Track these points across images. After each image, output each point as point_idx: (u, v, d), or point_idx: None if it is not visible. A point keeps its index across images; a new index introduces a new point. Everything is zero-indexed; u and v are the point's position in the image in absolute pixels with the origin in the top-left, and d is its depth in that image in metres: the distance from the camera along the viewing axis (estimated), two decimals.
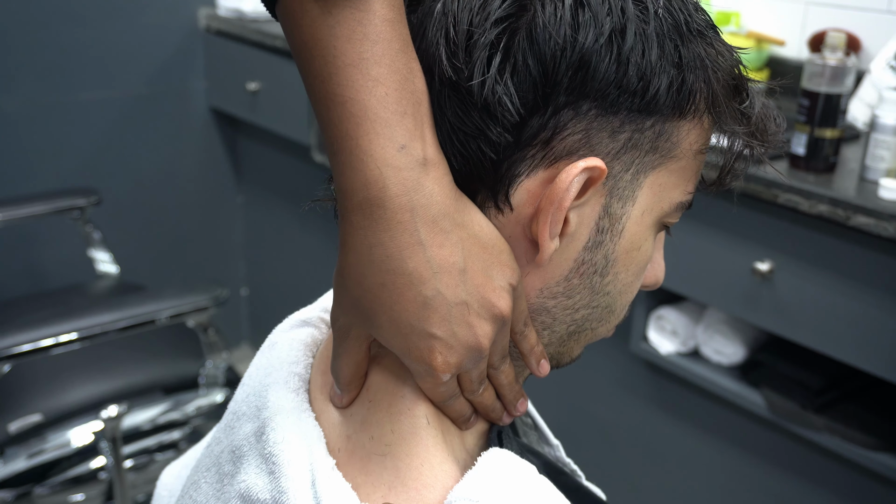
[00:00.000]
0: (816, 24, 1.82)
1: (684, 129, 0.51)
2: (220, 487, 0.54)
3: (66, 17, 2.23)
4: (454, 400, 0.52)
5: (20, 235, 2.27)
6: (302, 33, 0.46)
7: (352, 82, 0.45)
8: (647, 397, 1.75)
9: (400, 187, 0.46)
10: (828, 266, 1.35)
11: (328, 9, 0.45)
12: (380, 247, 0.46)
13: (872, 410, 1.45)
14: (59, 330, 1.40)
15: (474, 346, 0.49)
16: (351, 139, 0.46)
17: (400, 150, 0.46)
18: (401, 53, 0.46)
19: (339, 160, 0.47)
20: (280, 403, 0.54)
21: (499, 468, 0.50)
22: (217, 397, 1.63)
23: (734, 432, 1.61)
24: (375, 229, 0.46)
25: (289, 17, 0.47)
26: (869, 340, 1.32)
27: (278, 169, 2.53)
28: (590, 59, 0.47)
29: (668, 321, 1.66)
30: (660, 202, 0.52)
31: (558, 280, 0.52)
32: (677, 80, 0.49)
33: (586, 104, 0.48)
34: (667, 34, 0.49)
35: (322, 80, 0.46)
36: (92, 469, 1.53)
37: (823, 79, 1.38)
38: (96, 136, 2.36)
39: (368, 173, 0.46)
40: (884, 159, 1.35)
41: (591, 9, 0.47)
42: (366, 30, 0.45)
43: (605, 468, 1.84)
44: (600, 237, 0.51)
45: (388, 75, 0.46)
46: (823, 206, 1.32)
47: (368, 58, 0.45)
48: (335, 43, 0.45)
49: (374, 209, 0.46)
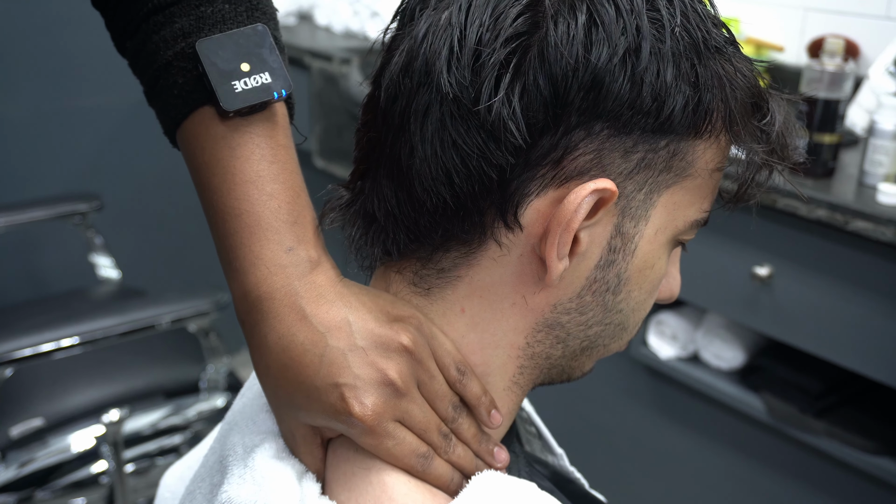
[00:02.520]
0: (815, 30, 1.82)
1: (700, 148, 0.50)
2: (211, 499, 0.54)
3: (69, 23, 2.23)
4: (429, 463, 0.50)
5: (22, 240, 2.27)
6: (204, 153, 0.51)
7: (248, 196, 0.50)
8: (647, 402, 1.76)
9: (286, 280, 0.49)
10: (827, 270, 1.36)
11: (231, 132, 0.50)
12: (272, 333, 0.49)
13: (871, 414, 1.45)
14: (61, 334, 1.40)
15: (382, 380, 0.48)
16: (244, 247, 0.50)
17: (288, 251, 0.50)
18: (294, 174, 0.52)
19: (234, 267, 0.51)
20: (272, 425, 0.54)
21: (490, 492, 0.49)
22: (218, 402, 1.63)
23: (734, 436, 1.61)
24: (267, 320, 0.49)
25: (192, 140, 0.52)
26: (868, 344, 1.33)
27: None
28: (602, 79, 0.46)
29: (668, 326, 1.67)
30: (674, 220, 0.51)
31: (570, 297, 0.51)
32: (693, 99, 0.48)
33: (598, 125, 0.47)
34: (683, 53, 0.47)
35: (220, 196, 0.51)
36: (93, 473, 1.53)
37: (822, 84, 1.38)
38: (98, 142, 2.37)
39: (259, 274, 0.50)
40: (882, 164, 1.36)
41: (604, 28, 0.46)
42: (264, 152, 0.51)
43: (605, 473, 1.84)
44: (612, 256, 0.50)
45: (282, 191, 0.50)
46: (822, 211, 1.32)
47: (265, 175, 0.50)
48: (235, 163, 0.50)
49: (263, 303, 0.50)
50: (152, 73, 0.52)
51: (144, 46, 0.52)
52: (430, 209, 0.49)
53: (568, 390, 1.85)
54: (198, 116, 0.51)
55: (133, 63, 0.55)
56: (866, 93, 1.64)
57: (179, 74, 0.51)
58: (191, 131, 0.52)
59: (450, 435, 0.51)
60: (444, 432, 0.51)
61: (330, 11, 2.51)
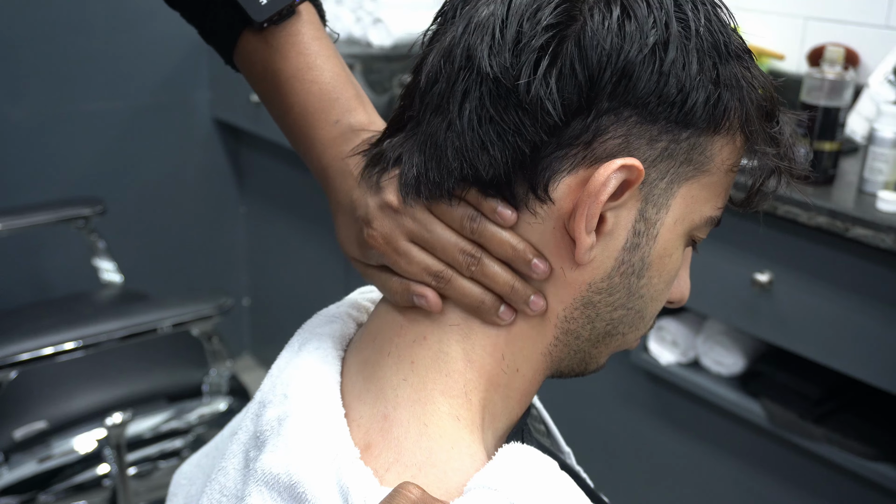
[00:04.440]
0: (815, 38, 1.83)
1: (717, 144, 0.53)
2: (246, 473, 0.55)
3: (72, 28, 2.24)
4: (447, 282, 0.54)
5: (26, 244, 2.28)
6: (255, 68, 0.64)
7: (293, 90, 0.63)
8: (647, 407, 1.76)
9: (336, 151, 0.62)
10: (827, 277, 1.36)
11: (269, 40, 0.63)
12: (333, 193, 0.62)
13: (871, 420, 1.46)
14: (64, 338, 1.40)
15: (381, 204, 0.55)
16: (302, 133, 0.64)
17: (335, 124, 0.62)
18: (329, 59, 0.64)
19: (302, 151, 0.65)
20: (307, 393, 0.55)
21: (519, 460, 0.51)
22: (220, 406, 1.63)
23: (734, 442, 1.62)
24: (331, 184, 0.62)
25: (244, 63, 0.65)
26: (867, 351, 1.33)
27: (281, 180, 2.55)
28: (633, 68, 0.49)
29: (669, 332, 1.67)
30: (691, 214, 0.55)
31: (602, 277, 0.54)
32: (714, 95, 0.51)
33: (627, 111, 0.50)
34: (706, 51, 0.51)
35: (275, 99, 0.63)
36: (96, 476, 1.53)
37: (822, 92, 1.39)
38: (101, 147, 2.38)
39: (317, 150, 0.63)
40: (882, 172, 1.37)
41: (637, 21, 0.50)
42: (299, 48, 0.63)
43: (605, 478, 1.84)
44: (637, 239, 0.53)
45: (320, 76, 0.63)
46: (822, 218, 1.33)
47: (302, 67, 0.63)
48: (276, 66, 0.63)
49: (327, 171, 0.63)
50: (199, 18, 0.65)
51: None
52: (457, 176, 0.53)
53: (569, 394, 1.86)
54: (243, 41, 0.64)
55: (182, 13, 0.67)
56: (866, 101, 1.65)
57: (220, 10, 0.63)
58: (242, 55, 0.65)
59: (475, 254, 0.54)
60: (467, 251, 0.54)
61: (332, 17, 2.53)
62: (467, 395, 0.54)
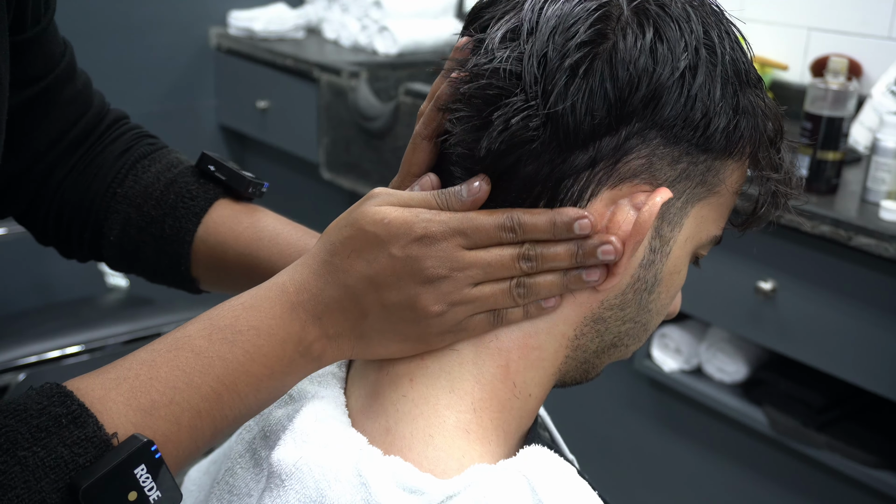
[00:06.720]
0: (819, 49, 1.85)
1: (730, 168, 0.55)
2: (258, 471, 0.56)
3: (79, 36, 2.24)
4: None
5: (32, 248, 2.28)
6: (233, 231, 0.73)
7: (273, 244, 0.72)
8: (650, 414, 1.77)
9: None
10: (829, 286, 1.37)
11: (248, 209, 0.76)
12: None
13: (873, 428, 1.46)
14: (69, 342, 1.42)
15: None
16: None
17: None
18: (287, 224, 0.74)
19: None
20: (312, 393, 0.56)
21: (544, 459, 0.52)
22: None
23: (736, 449, 1.62)
24: None
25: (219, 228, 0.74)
26: (870, 359, 1.34)
27: (287, 186, 2.56)
28: (663, 91, 0.50)
29: (672, 339, 1.68)
30: (699, 232, 0.56)
31: (617, 294, 0.54)
32: (733, 121, 0.52)
33: (653, 132, 0.51)
34: (729, 78, 0.52)
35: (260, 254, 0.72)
36: None
37: (826, 103, 1.40)
38: None
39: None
40: (885, 181, 1.38)
41: (668, 44, 0.50)
42: (269, 217, 0.74)
43: (608, 484, 1.85)
44: (652, 256, 0.54)
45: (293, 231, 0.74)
46: (825, 227, 1.34)
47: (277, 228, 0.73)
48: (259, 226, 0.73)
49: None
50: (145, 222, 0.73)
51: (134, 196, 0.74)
52: None
53: (572, 401, 1.87)
54: (216, 209, 0.73)
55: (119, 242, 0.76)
56: (869, 111, 1.66)
57: (186, 186, 0.73)
58: (215, 221, 0.73)
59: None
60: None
61: (338, 26, 2.54)
62: (476, 411, 0.54)
